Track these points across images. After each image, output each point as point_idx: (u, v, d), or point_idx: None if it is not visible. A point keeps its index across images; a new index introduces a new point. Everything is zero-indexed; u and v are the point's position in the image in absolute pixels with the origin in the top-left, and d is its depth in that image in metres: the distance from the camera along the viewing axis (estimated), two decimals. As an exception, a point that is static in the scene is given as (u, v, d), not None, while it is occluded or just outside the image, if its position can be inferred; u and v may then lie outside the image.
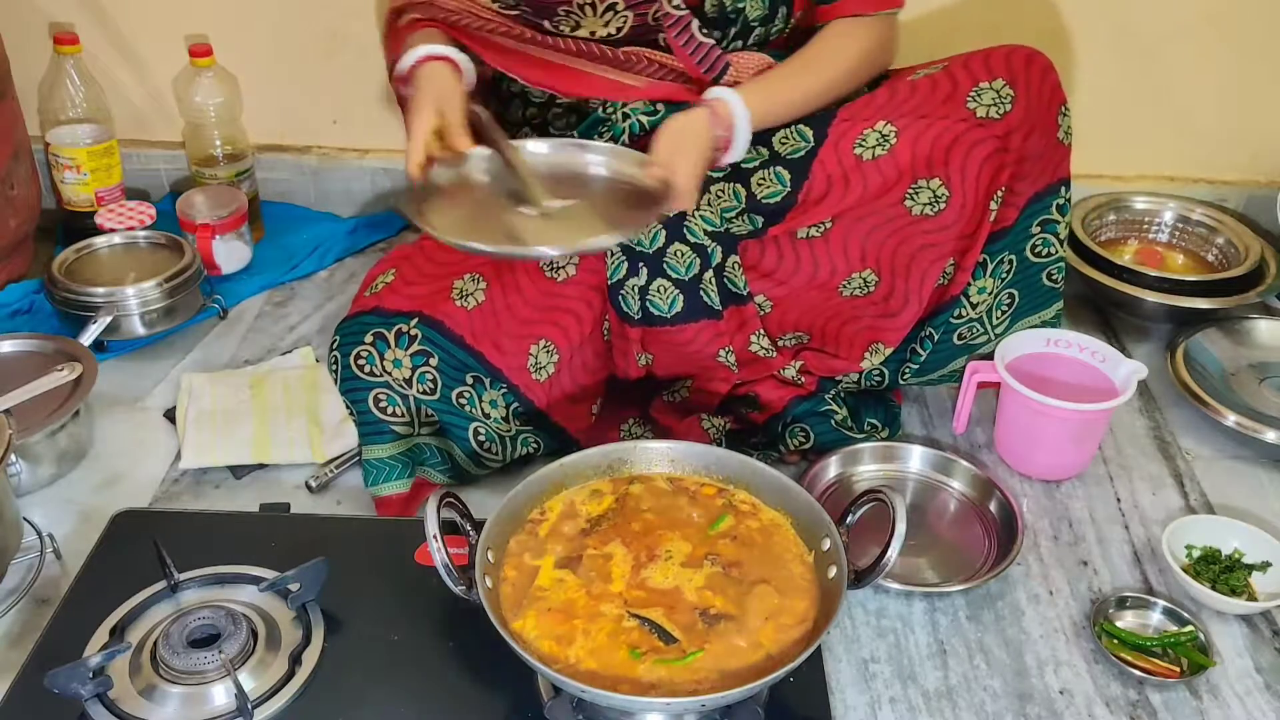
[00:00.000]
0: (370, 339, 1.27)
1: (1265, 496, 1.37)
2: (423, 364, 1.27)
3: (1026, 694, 1.11)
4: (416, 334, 1.27)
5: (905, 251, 1.31)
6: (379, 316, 1.29)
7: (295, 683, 1.05)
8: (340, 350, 1.29)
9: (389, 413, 1.28)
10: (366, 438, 1.29)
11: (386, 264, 1.36)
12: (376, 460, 1.29)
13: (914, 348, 1.38)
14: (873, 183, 1.28)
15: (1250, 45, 1.75)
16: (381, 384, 1.27)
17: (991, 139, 1.26)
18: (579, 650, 0.96)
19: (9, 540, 1.17)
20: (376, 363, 1.27)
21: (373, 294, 1.32)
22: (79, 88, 1.73)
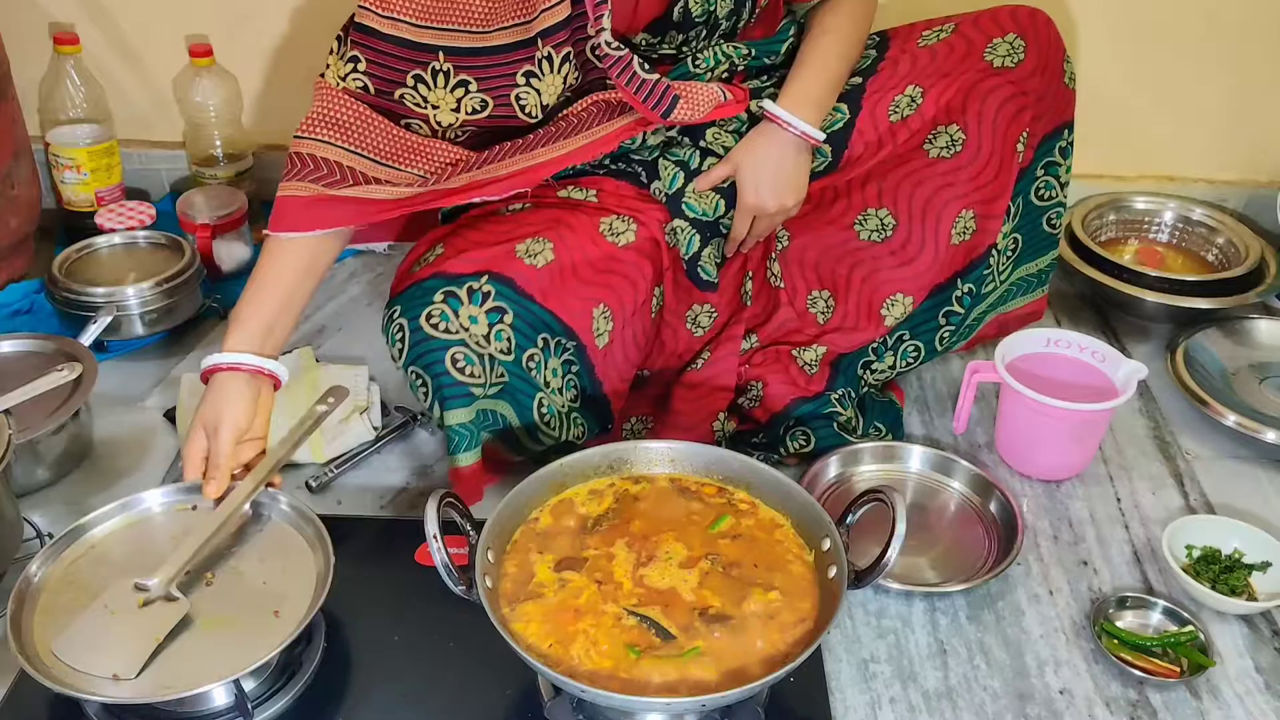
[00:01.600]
0: (440, 298, 1.20)
1: (1265, 496, 1.37)
2: (498, 321, 1.21)
3: (1026, 694, 1.11)
4: (490, 290, 1.21)
5: (922, 194, 1.34)
6: (444, 279, 1.22)
7: (295, 683, 1.05)
8: (407, 315, 1.21)
9: (467, 373, 1.19)
10: (447, 402, 1.20)
11: (427, 242, 1.31)
12: (459, 426, 1.21)
13: (950, 309, 1.38)
14: (900, 138, 1.36)
15: (1250, 46, 1.75)
16: (458, 342, 1.19)
17: (1008, 84, 1.32)
18: (579, 650, 0.96)
19: (9, 540, 1.17)
20: (451, 320, 1.19)
21: (425, 265, 1.26)
22: (79, 88, 1.73)
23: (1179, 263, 1.77)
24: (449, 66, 1.22)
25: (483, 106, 1.25)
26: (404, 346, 1.21)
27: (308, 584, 1.06)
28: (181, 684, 0.97)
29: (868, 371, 1.42)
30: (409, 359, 1.20)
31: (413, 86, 1.24)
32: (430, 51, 1.22)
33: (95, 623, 1.02)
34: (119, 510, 1.13)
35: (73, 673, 0.97)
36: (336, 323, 1.66)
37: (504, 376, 1.22)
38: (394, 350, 1.22)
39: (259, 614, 1.04)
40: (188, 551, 1.06)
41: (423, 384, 1.20)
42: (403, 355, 1.21)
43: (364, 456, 1.39)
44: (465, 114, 1.25)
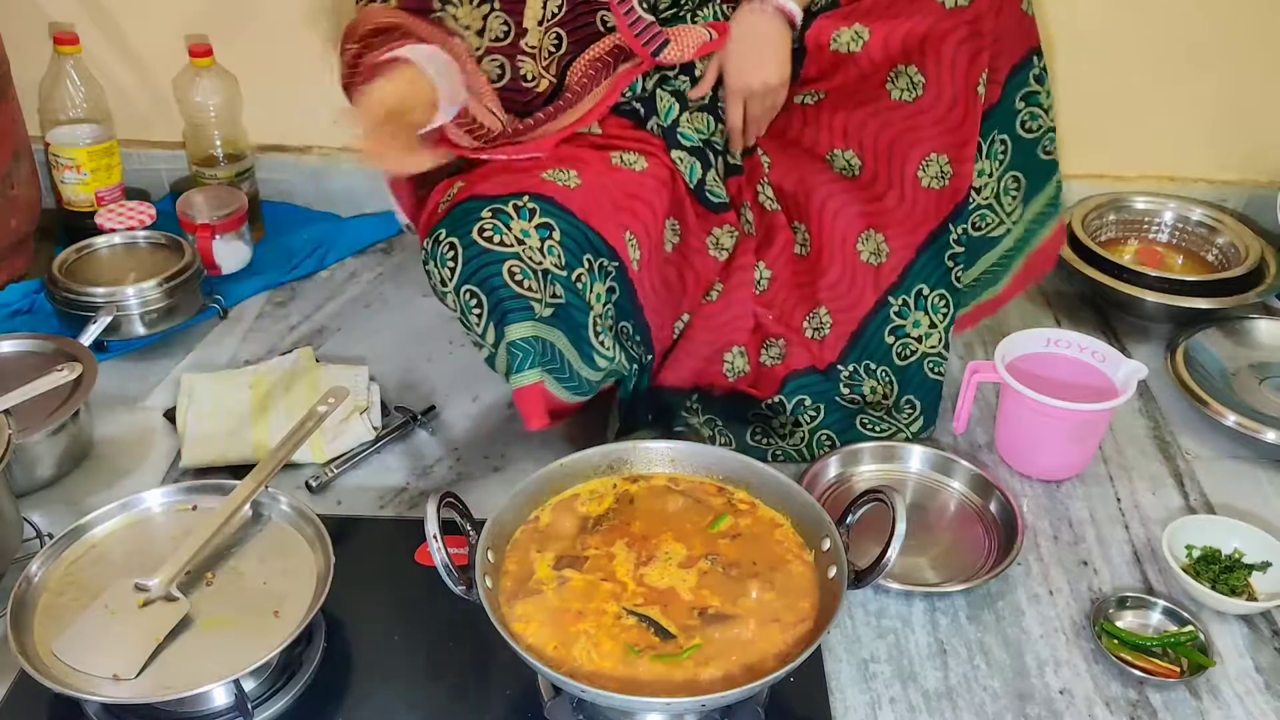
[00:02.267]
0: (489, 214, 1.17)
1: (1265, 496, 1.37)
2: (547, 236, 1.18)
3: (1026, 694, 1.11)
4: (535, 207, 1.19)
5: (886, 136, 1.36)
6: (484, 199, 1.18)
7: (295, 683, 1.05)
8: (457, 234, 1.16)
9: (525, 286, 1.16)
10: (508, 316, 1.16)
11: (443, 189, 1.28)
12: (521, 341, 1.17)
13: (952, 251, 1.39)
14: (852, 72, 1.36)
15: (1250, 46, 1.75)
16: (513, 255, 1.16)
17: (963, 25, 1.30)
18: (579, 651, 0.96)
19: (9, 540, 1.17)
20: (505, 232, 1.16)
21: (451, 198, 1.22)
22: (79, 88, 1.73)
23: (1179, 263, 1.76)
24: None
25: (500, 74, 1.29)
26: (457, 265, 1.16)
27: (308, 584, 1.06)
28: (181, 684, 0.97)
29: (900, 339, 1.42)
30: (463, 277, 1.16)
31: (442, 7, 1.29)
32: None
33: (95, 623, 1.02)
34: (119, 510, 1.14)
35: (73, 673, 0.98)
36: (336, 323, 1.66)
37: (559, 296, 1.19)
38: (444, 272, 1.18)
39: (259, 614, 1.04)
40: (188, 551, 1.06)
41: (478, 304, 1.17)
42: (454, 275, 1.17)
43: (364, 456, 1.39)
44: (489, 41, 1.30)
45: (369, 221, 1.90)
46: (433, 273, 1.20)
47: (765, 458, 1.37)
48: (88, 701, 1.00)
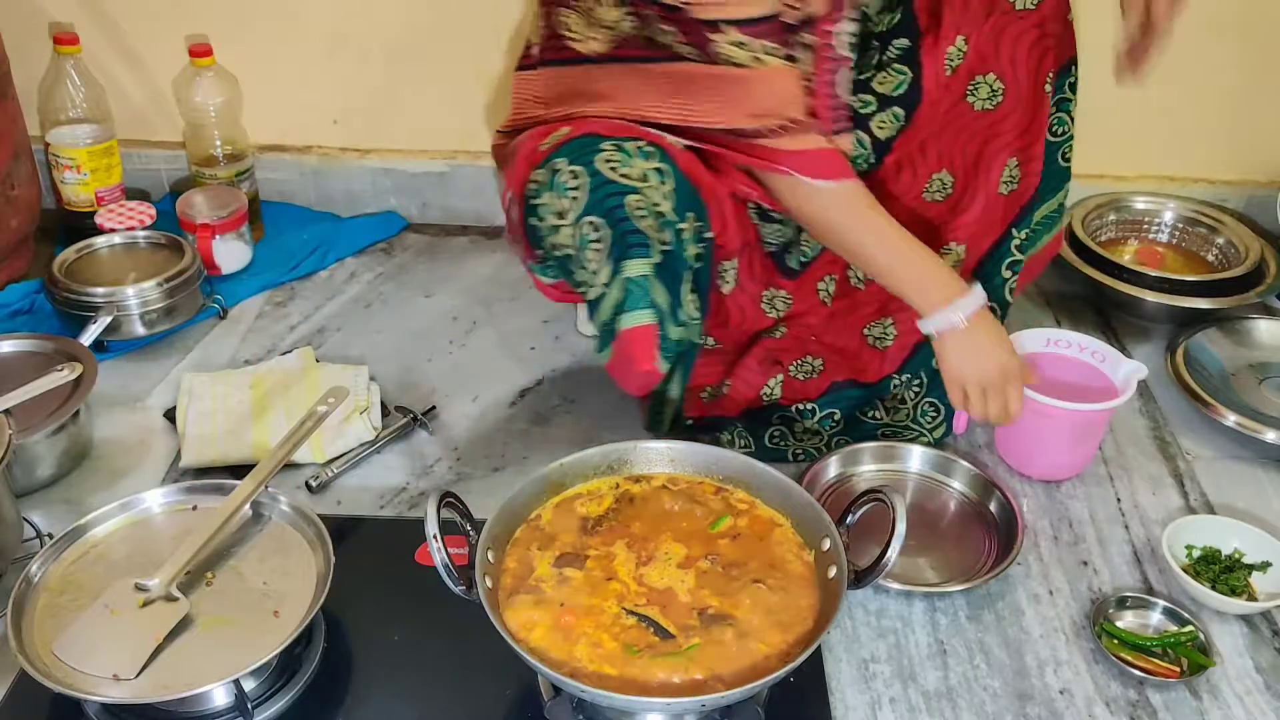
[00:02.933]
0: (610, 146, 1.14)
1: (1265, 496, 1.37)
2: (662, 182, 1.15)
3: (1026, 694, 1.11)
4: (651, 150, 1.16)
5: (972, 149, 1.35)
6: (600, 135, 1.16)
7: (295, 683, 1.05)
8: (579, 162, 1.13)
9: (647, 224, 1.13)
10: (630, 251, 1.13)
11: (546, 130, 1.23)
12: (640, 278, 1.13)
13: (1012, 258, 1.39)
14: (955, 91, 1.35)
15: (1250, 46, 1.75)
16: (635, 189, 1.13)
17: (1032, 27, 1.31)
18: (579, 650, 0.96)
19: (9, 540, 1.17)
20: (630, 166, 1.13)
21: (560, 137, 1.18)
22: (79, 88, 1.73)
23: (1179, 263, 1.76)
24: None
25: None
26: (580, 195, 1.13)
27: (308, 584, 1.06)
28: (181, 684, 0.97)
29: None
30: (586, 208, 1.13)
31: None
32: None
33: (95, 623, 1.02)
34: (119, 510, 1.14)
35: (73, 673, 0.98)
36: (336, 323, 1.66)
37: (667, 243, 1.16)
38: (563, 202, 1.14)
39: (259, 614, 1.04)
40: (188, 551, 1.06)
41: (598, 238, 1.13)
42: (576, 205, 1.13)
43: (364, 456, 1.39)
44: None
45: (369, 221, 1.90)
46: (547, 204, 1.16)
47: (786, 458, 1.37)
48: (88, 701, 1.00)
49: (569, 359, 1.60)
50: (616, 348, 1.18)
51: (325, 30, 1.80)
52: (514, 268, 1.81)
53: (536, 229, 1.20)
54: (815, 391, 1.41)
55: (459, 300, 1.73)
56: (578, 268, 1.17)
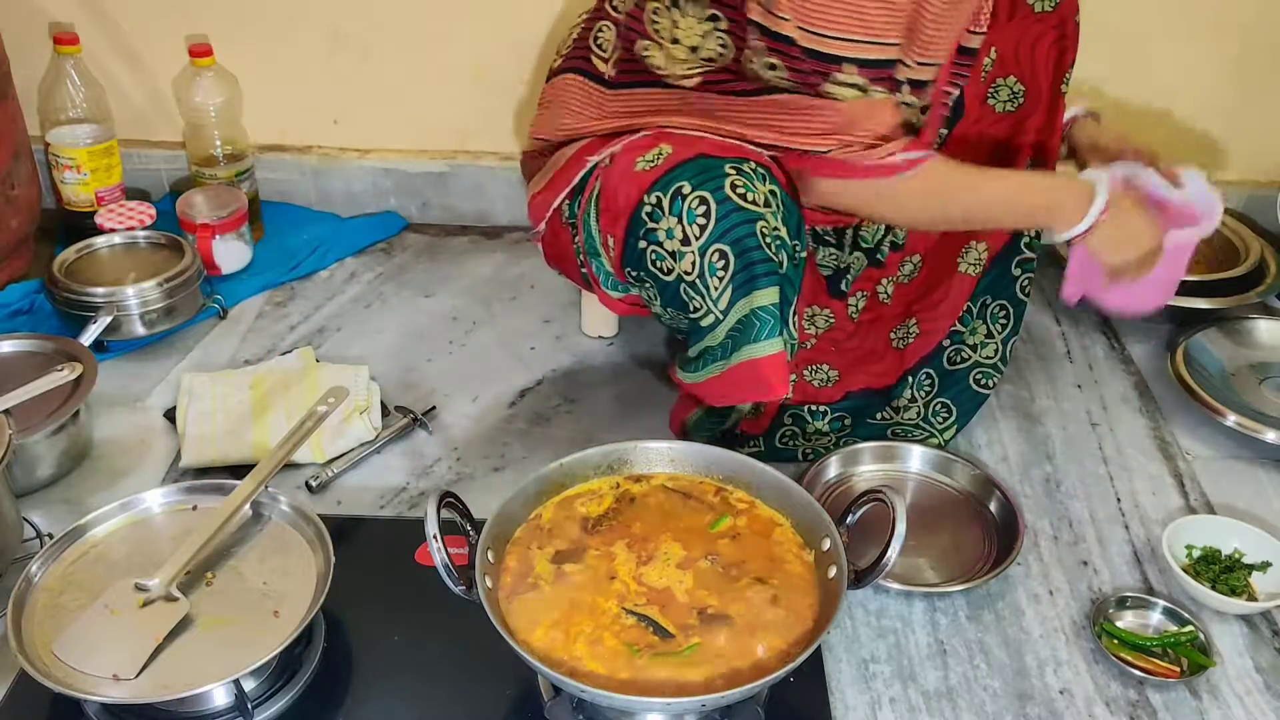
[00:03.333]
0: (733, 170, 1.12)
1: (1265, 496, 1.37)
2: (781, 206, 1.13)
3: (1026, 694, 1.11)
4: (765, 173, 1.14)
5: (994, 150, 1.35)
6: (715, 158, 1.13)
7: (295, 683, 1.05)
8: (706, 188, 1.10)
9: (772, 250, 1.12)
10: (759, 280, 1.12)
11: (643, 145, 1.20)
12: (771, 306, 1.12)
13: (1021, 256, 1.39)
14: (978, 96, 1.36)
15: (1250, 45, 1.75)
16: (762, 216, 1.11)
17: (1050, 29, 1.32)
18: (579, 650, 0.96)
19: (9, 540, 1.17)
20: (755, 191, 1.11)
21: (666, 156, 1.15)
22: (79, 88, 1.73)
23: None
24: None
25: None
26: (709, 221, 1.10)
27: (308, 584, 1.06)
28: (181, 684, 0.97)
29: (955, 344, 1.42)
30: (714, 236, 1.10)
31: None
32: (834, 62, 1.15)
33: (95, 623, 1.02)
34: (119, 510, 1.14)
35: (73, 673, 0.98)
36: (336, 323, 1.66)
37: (783, 265, 1.14)
38: (690, 229, 1.11)
39: (259, 614, 1.04)
40: (188, 551, 1.06)
41: (724, 265, 1.11)
42: (705, 233, 1.10)
43: (364, 456, 1.39)
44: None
45: (369, 221, 1.90)
46: (670, 230, 1.12)
47: (795, 457, 1.37)
48: (88, 701, 1.00)
49: (569, 359, 1.60)
50: (733, 371, 1.18)
51: (325, 30, 1.80)
52: (514, 267, 1.82)
53: (645, 253, 1.16)
54: (828, 399, 1.42)
55: (459, 300, 1.73)
56: (696, 294, 1.15)
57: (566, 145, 1.34)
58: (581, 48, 1.33)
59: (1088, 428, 1.48)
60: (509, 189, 1.88)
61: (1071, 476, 1.39)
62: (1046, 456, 1.43)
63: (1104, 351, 1.64)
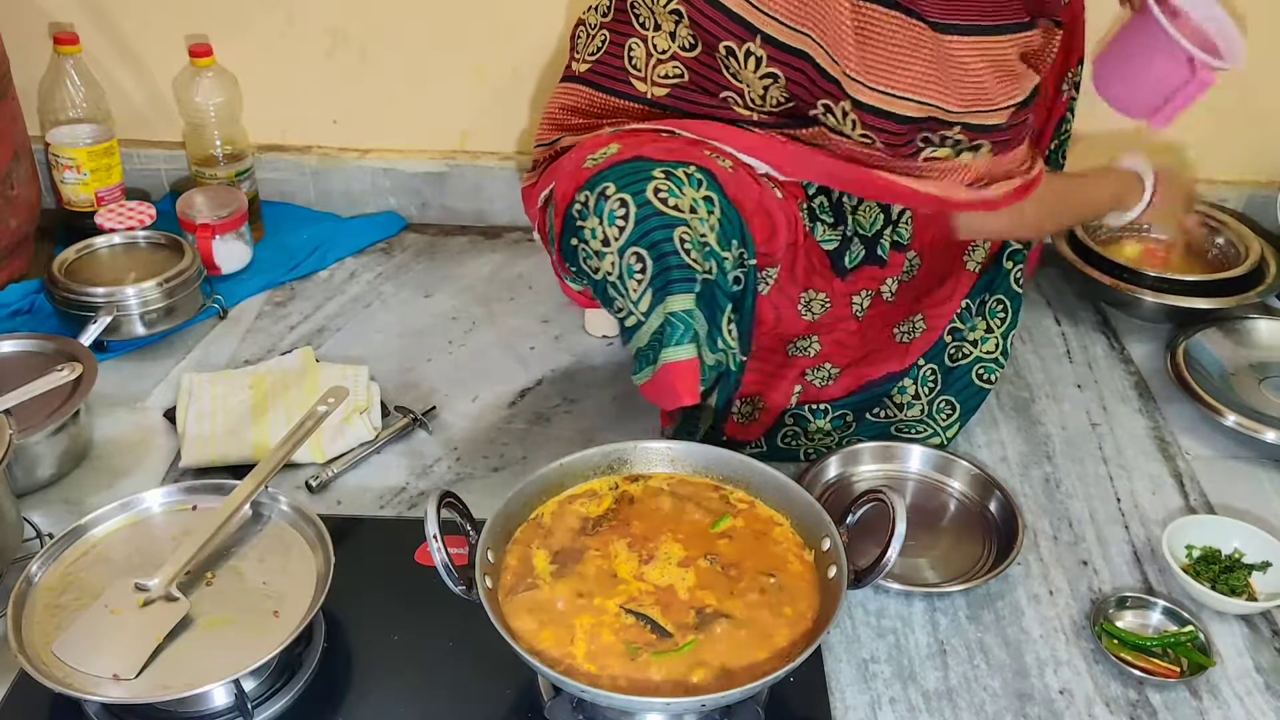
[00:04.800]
0: (661, 174, 1.12)
1: (1265, 496, 1.37)
2: (712, 211, 1.13)
3: (1026, 694, 1.11)
4: (701, 179, 1.14)
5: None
6: (652, 161, 1.13)
7: (295, 683, 1.05)
8: (629, 190, 1.11)
9: (692, 257, 1.12)
10: (672, 286, 1.12)
11: (597, 143, 1.22)
12: (683, 313, 1.13)
13: (1012, 248, 1.42)
14: None
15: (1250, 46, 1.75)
16: (684, 221, 1.11)
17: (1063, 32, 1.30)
18: (579, 650, 0.96)
19: (9, 540, 1.17)
20: (679, 197, 1.11)
21: (608, 155, 1.16)
22: (79, 88, 1.73)
23: (1179, 263, 1.76)
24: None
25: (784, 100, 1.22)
26: (627, 224, 1.11)
27: (308, 584, 1.06)
28: (181, 684, 0.97)
29: (956, 340, 1.42)
30: (631, 238, 1.11)
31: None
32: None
33: (95, 623, 1.02)
34: (119, 510, 1.14)
35: (73, 673, 0.98)
36: (336, 323, 1.66)
37: (710, 272, 1.15)
38: (609, 230, 1.12)
39: (259, 614, 1.04)
40: (188, 551, 1.06)
41: (641, 269, 1.12)
42: (623, 235, 1.11)
43: (364, 456, 1.39)
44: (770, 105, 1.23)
45: (369, 221, 1.90)
46: (593, 230, 1.14)
47: (798, 457, 1.37)
48: (88, 701, 1.00)
49: (569, 359, 1.60)
50: (657, 376, 1.18)
51: (325, 30, 1.80)
52: (514, 267, 1.82)
53: (576, 250, 1.18)
54: (830, 396, 1.41)
55: (459, 300, 1.73)
56: (617, 295, 1.16)
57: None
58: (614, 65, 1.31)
59: (1088, 428, 1.48)
60: (508, 189, 1.88)
61: (1071, 476, 1.39)
62: (1046, 456, 1.43)
63: (1104, 351, 1.64)
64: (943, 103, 1.13)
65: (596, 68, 1.32)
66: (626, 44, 1.29)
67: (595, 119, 1.33)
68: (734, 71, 1.22)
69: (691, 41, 1.23)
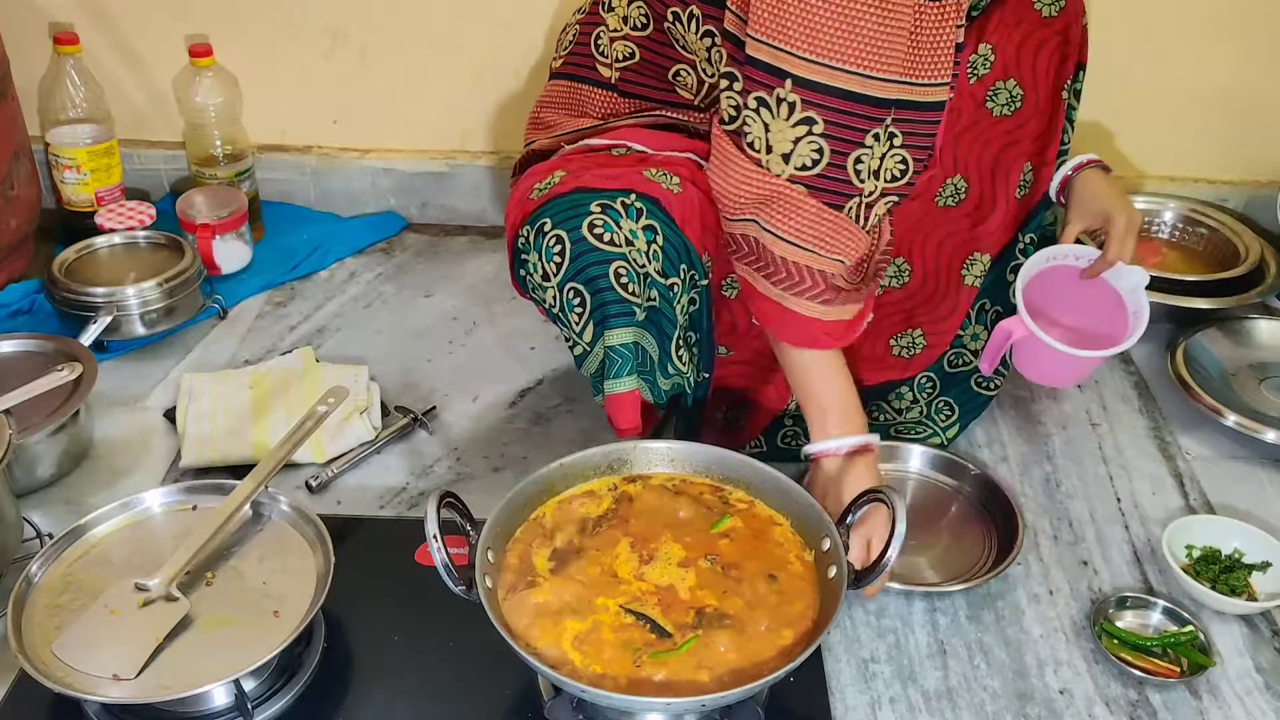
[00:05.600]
0: (598, 208, 1.13)
1: (1265, 496, 1.37)
2: (653, 240, 1.14)
3: (1026, 694, 1.11)
4: (641, 208, 1.14)
5: (989, 155, 1.35)
6: (590, 192, 1.15)
7: (295, 683, 1.05)
8: (564, 226, 1.13)
9: (629, 290, 1.13)
10: (610, 320, 1.14)
11: (539, 173, 1.23)
12: (621, 347, 1.15)
13: (1016, 262, 1.39)
14: (975, 99, 1.34)
15: (1250, 46, 1.75)
16: (621, 256, 1.13)
17: (1054, 35, 1.31)
18: (579, 650, 0.96)
19: (9, 540, 1.17)
20: (615, 231, 1.12)
21: (552, 186, 1.18)
22: (79, 88, 1.73)
23: (1179, 263, 1.76)
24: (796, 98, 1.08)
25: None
26: (564, 260, 1.13)
27: (308, 584, 1.06)
28: (181, 684, 0.97)
29: (955, 348, 1.42)
30: (568, 274, 1.13)
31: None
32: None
33: (95, 623, 1.02)
34: (119, 510, 1.14)
35: (73, 673, 0.98)
36: (336, 323, 1.66)
37: (654, 300, 1.16)
38: (548, 266, 1.14)
39: (259, 614, 1.04)
40: (188, 551, 1.06)
41: (580, 303, 1.14)
42: (560, 271, 1.13)
43: (364, 456, 1.39)
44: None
45: (369, 221, 1.90)
46: (534, 265, 1.16)
47: (798, 457, 1.37)
48: (88, 701, 1.00)
49: (569, 359, 1.59)
50: (608, 404, 1.21)
51: (325, 30, 1.80)
52: (514, 268, 1.82)
53: (525, 279, 1.21)
54: None
55: (459, 300, 1.73)
56: (562, 325, 1.18)
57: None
58: (583, 54, 1.34)
59: (1088, 428, 1.48)
60: (508, 189, 1.88)
61: (1071, 476, 1.39)
62: (1046, 456, 1.43)
63: (1104, 351, 1.64)
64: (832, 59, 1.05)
65: (569, 59, 1.36)
66: (594, 32, 1.32)
67: (566, 113, 1.34)
68: (682, 42, 1.24)
69: (644, 20, 1.26)
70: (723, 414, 1.39)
